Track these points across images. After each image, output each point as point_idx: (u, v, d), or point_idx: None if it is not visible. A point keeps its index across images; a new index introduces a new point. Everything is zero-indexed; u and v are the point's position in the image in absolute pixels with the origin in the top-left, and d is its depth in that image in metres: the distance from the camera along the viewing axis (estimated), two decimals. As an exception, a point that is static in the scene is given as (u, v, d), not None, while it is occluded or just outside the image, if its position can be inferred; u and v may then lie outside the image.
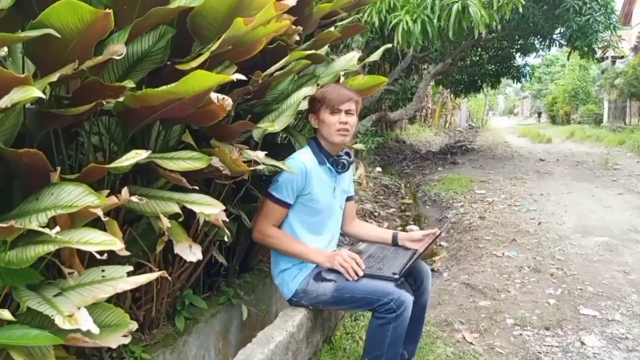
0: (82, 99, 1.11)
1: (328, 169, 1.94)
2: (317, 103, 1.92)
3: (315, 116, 1.94)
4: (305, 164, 1.84)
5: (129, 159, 1.06)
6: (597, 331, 2.61)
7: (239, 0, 1.39)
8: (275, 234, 1.88)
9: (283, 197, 1.84)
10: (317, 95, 1.92)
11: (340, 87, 1.97)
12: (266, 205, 1.87)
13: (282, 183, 1.83)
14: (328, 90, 1.93)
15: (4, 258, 0.99)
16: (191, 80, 1.14)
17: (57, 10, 0.95)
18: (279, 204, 1.85)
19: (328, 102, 1.88)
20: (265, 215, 1.87)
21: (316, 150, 1.93)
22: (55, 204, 1.03)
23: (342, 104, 1.89)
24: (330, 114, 1.88)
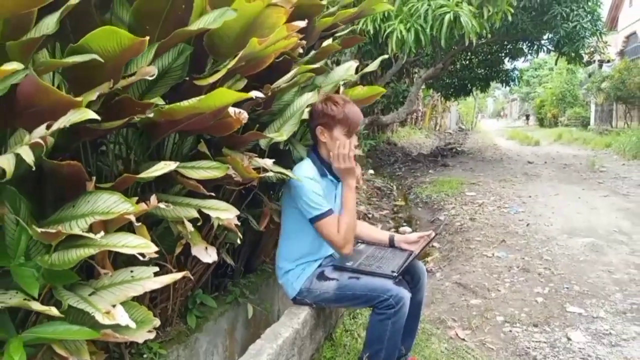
0: (114, 114, 1.21)
1: (330, 180, 2.04)
2: (333, 121, 1.94)
3: (328, 132, 1.96)
4: (316, 179, 1.93)
5: (159, 170, 1.17)
6: (583, 327, 2.75)
7: (252, 21, 1.50)
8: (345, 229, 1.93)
9: (325, 208, 1.91)
10: (337, 114, 1.93)
11: (357, 109, 1.99)
12: (323, 225, 1.92)
13: (311, 201, 1.90)
14: (349, 109, 1.94)
15: (47, 260, 1.09)
16: (213, 97, 1.25)
17: (97, 35, 1.05)
18: (327, 215, 1.91)
19: (346, 122, 1.92)
20: (332, 231, 1.92)
21: (317, 162, 2.00)
22: (92, 211, 1.13)
23: (359, 126, 1.98)
24: (345, 134, 1.95)
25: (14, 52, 1.05)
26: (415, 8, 4.39)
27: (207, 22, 1.38)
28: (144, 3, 1.37)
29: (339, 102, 1.96)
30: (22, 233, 1.09)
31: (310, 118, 2.01)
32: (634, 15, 18.06)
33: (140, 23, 1.42)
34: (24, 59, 1.06)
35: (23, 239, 1.09)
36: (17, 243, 1.08)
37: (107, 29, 1.02)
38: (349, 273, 1.97)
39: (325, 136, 1.97)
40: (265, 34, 1.57)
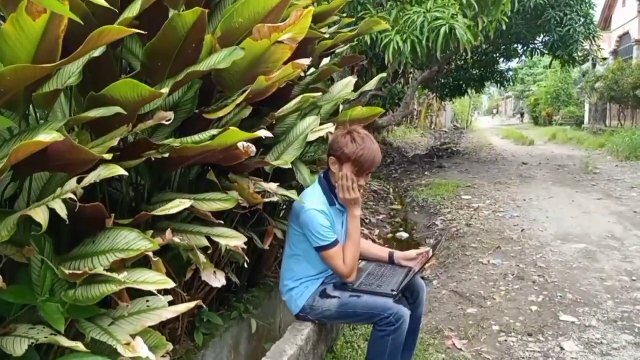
0: (131, 153, 1.28)
1: (337, 209, 2.10)
2: (345, 156, 1.98)
3: (338, 164, 2.01)
4: (324, 211, 2.00)
5: (174, 207, 1.24)
6: (575, 336, 2.84)
7: (259, 56, 1.57)
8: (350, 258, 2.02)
9: (331, 239, 1.99)
10: (350, 152, 1.95)
11: (375, 151, 2.02)
12: (329, 255, 2.00)
13: (318, 232, 1.97)
14: (363, 152, 1.96)
15: (72, 296, 1.16)
16: (225, 137, 1.32)
17: (119, 86, 1.12)
18: (332, 246, 1.99)
19: (362, 163, 1.97)
20: (337, 261, 2.01)
21: (326, 189, 2.07)
22: (112, 248, 1.20)
23: (372, 168, 2.04)
24: (354, 173, 2.00)
25: (39, 102, 1.11)
26: (412, 20, 4.47)
27: (216, 61, 1.45)
28: (157, 42, 1.44)
29: (356, 140, 1.98)
30: (47, 271, 1.15)
31: (329, 145, 2.07)
32: (627, 15, 18.21)
33: (152, 60, 1.48)
34: (48, 107, 1.13)
35: (48, 277, 1.15)
36: (42, 280, 1.15)
37: (129, 81, 1.09)
38: (350, 291, 2.04)
39: (335, 167, 2.03)
40: (270, 67, 1.64)
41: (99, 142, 1.18)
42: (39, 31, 1.08)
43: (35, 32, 1.08)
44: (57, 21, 1.08)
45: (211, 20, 1.82)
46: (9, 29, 1.06)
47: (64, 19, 1.08)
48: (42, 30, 1.08)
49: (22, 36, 1.08)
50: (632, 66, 15.03)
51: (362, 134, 2.03)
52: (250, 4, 1.50)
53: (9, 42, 1.08)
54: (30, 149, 0.86)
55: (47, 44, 1.11)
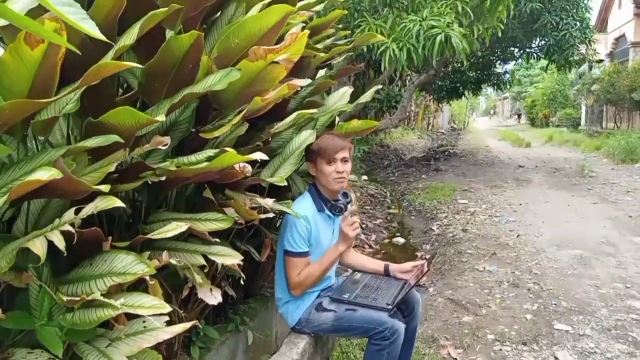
0: (129, 176, 1.30)
1: (327, 215, 2.13)
2: (313, 154, 2.08)
3: (313, 165, 2.10)
4: (307, 215, 2.03)
5: (171, 230, 1.25)
6: (570, 346, 2.87)
7: (255, 76, 1.58)
8: (305, 275, 2.05)
9: (300, 249, 2.02)
10: (313, 147, 2.07)
11: (333, 137, 2.11)
12: (290, 262, 2.04)
13: (292, 238, 2.01)
14: (322, 141, 2.08)
15: (70, 320, 1.17)
16: (222, 160, 1.33)
17: (116, 114, 1.13)
18: (299, 256, 2.03)
19: (323, 153, 2.05)
20: (293, 270, 2.04)
21: (315, 196, 2.12)
22: (110, 271, 1.22)
23: (337, 153, 2.06)
24: (327, 164, 2.05)
25: (37, 129, 1.13)
26: (408, 28, 4.49)
27: (212, 82, 1.46)
28: (155, 64, 1.45)
29: (320, 136, 2.09)
30: (45, 295, 1.17)
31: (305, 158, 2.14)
32: (623, 18, 18.29)
33: (150, 81, 1.50)
34: (46, 133, 1.14)
35: (46, 301, 1.17)
36: (41, 305, 1.16)
37: (127, 109, 1.11)
38: (346, 305, 2.06)
39: (314, 170, 2.11)
40: (267, 87, 1.66)
41: (97, 167, 1.20)
42: (37, 60, 1.09)
43: (34, 60, 1.09)
44: (54, 50, 1.09)
45: (207, 38, 1.84)
46: (7, 58, 1.08)
47: (62, 47, 1.09)
48: (40, 58, 1.09)
49: (20, 65, 1.09)
50: (628, 69, 15.09)
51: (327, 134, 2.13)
52: (247, 25, 1.51)
53: (8, 70, 1.09)
54: (29, 187, 0.88)
55: (45, 72, 1.12)
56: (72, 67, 1.21)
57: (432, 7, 4.51)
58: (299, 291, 2.09)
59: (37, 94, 1.15)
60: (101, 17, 1.26)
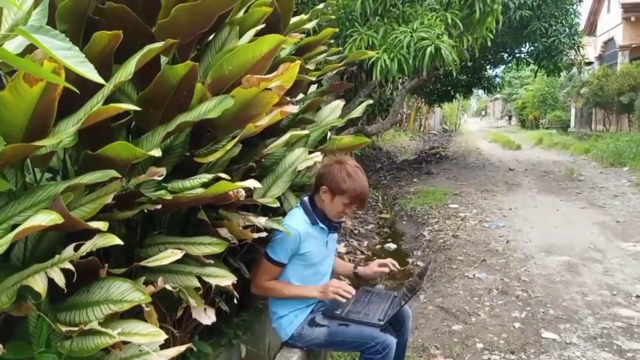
0: (125, 204, 1.33)
1: (320, 228, 2.17)
2: (340, 190, 2.05)
3: (331, 195, 2.08)
4: (299, 230, 2.06)
5: (167, 258, 1.29)
6: (556, 354, 2.93)
7: (248, 102, 1.62)
8: (271, 286, 2.12)
9: (279, 259, 2.07)
10: (347, 188, 2.03)
11: (366, 184, 2.11)
12: (263, 264, 2.09)
13: (277, 246, 2.06)
14: (358, 188, 2.06)
15: (68, 348, 1.20)
16: (216, 187, 1.37)
17: (114, 147, 1.17)
18: (275, 264, 2.08)
19: (350, 198, 2.06)
20: (262, 273, 2.10)
21: (309, 210, 2.14)
22: (106, 299, 1.25)
23: (359, 205, 2.14)
24: (345, 205, 2.09)
25: (35, 162, 1.16)
26: (399, 39, 4.55)
27: (207, 109, 1.50)
28: (150, 92, 1.49)
29: (352, 176, 2.06)
30: (43, 323, 1.20)
31: (320, 174, 2.14)
32: (612, 22, 18.51)
33: (145, 108, 1.53)
34: (44, 166, 1.17)
35: (45, 329, 1.20)
36: (39, 333, 1.19)
37: (124, 145, 1.14)
38: (338, 320, 2.10)
39: (327, 197, 2.10)
40: (259, 111, 1.69)
41: (94, 198, 1.23)
42: (36, 96, 1.12)
43: (32, 97, 1.12)
44: (53, 87, 1.12)
45: (201, 60, 1.87)
46: (7, 95, 1.11)
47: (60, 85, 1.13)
48: (39, 95, 1.12)
49: (19, 101, 1.12)
50: (616, 72, 15.29)
51: (355, 168, 2.11)
52: (240, 53, 1.55)
53: (8, 106, 1.12)
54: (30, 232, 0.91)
55: (43, 107, 1.15)
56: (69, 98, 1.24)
57: (423, 19, 4.58)
58: (257, 291, 2.18)
59: (35, 127, 1.18)
60: (98, 50, 1.30)
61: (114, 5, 1.46)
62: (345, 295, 2.06)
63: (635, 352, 2.94)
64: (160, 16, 1.57)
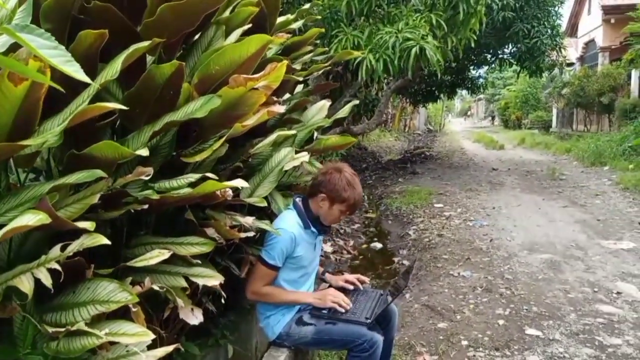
0: (111, 204, 1.32)
1: (311, 232, 2.18)
2: (340, 199, 2.09)
3: (329, 203, 2.11)
4: (294, 233, 2.07)
5: (154, 258, 1.29)
6: (540, 351, 2.98)
7: (235, 102, 1.62)
8: (267, 292, 2.12)
9: (274, 262, 2.07)
10: (348, 197, 2.08)
11: (362, 192, 2.16)
12: (259, 269, 2.10)
13: (273, 249, 2.06)
14: (356, 197, 2.11)
15: (54, 349, 1.19)
16: (204, 187, 1.37)
17: (100, 147, 1.16)
18: (270, 268, 2.08)
19: (349, 206, 2.11)
20: (258, 278, 2.11)
21: (302, 213, 2.15)
22: (93, 299, 1.24)
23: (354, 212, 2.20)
24: (340, 212, 2.13)
25: (19, 162, 1.15)
26: (384, 40, 4.58)
27: (193, 109, 1.50)
28: (136, 91, 1.48)
29: (352, 185, 2.10)
30: (29, 325, 1.19)
31: (319, 181, 2.15)
32: (593, 24, 18.83)
33: (131, 107, 1.52)
34: (28, 166, 1.16)
35: (30, 331, 1.18)
36: (24, 334, 1.18)
37: (110, 144, 1.13)
38: (325, 319, 2.11)
39: (325, 204, 2.13)
40: (246, 111, 1.69)
41: (80, 197, 1.22)
42: (21, 95, 1.11)
43: (17, 96, 1.11)
44: (38, 86, 1.11)
45: (187, 60, 1.87)
46: (-9, 94, 1.09)
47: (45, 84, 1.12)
48: (24, 94, 1.11)
49: (3, 100, 1.11)
50: (597, 73, 15.56)
51: (353, 176, 2.15)
52: (227, 53, 1.55)
53: (-9, 106, 1.11)
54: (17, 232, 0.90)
55: (28, 107, 1.14)
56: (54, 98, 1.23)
57: (408, 19, 4.62)
58: (252, 297, 2.18)
59: (20, 127, 1.17)
60: (83, 49, 1.29)
61: (99, 4, 1.45)
62: (345, 307, 2.09)
63: (616, 347, 3.00)
64: (146, 15, 1.56)
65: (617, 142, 11.24)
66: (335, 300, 2.10)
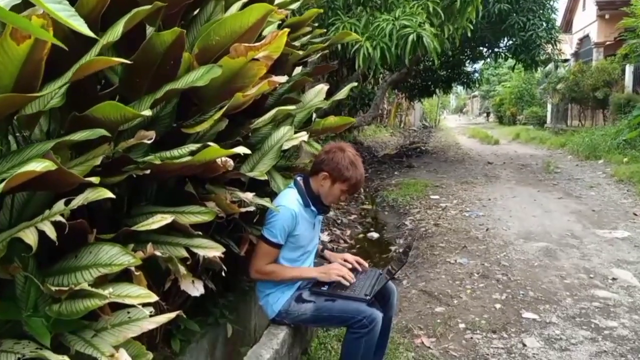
0: (112, 169, 1.32)
1: (311, 211, 2.18)
2: (342, 178, 2.09)
3: (331, 182, 2.11)
4: (295, 211, 2.08)
5: (156, 222, 1.28)
6: (537, 333, 3.00)
7: (236, 73, 1.62)
8: (271, 270, 2.12)
9: (276, 240, 2.07)
10: (350, 177, 2.08)
11: (362, 172, 2.16)
12: (261, 248, 2.09)
13: (274, 227, 2.06)
14: (359, 177, 2.12)
15: (56, 311, 1.19)
16: (205, 154, 1.37)
17: (103, 108, 1.16)
18: (273, 246, 2.08)
19: (350, 186, 2.11)
20: (261, 257, 2.10)
21: (302, 192, 2.15)
22: (95, 263, 1.24)
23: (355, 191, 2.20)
24: (342, 191, 2.13)
25: (21, 123, 1.14)
26: (381, 27, 4.58)
27: (194, 78, 1.50)
28: (136, 60, 1.47)
29: (354, 163, 2.11)
30: (31, 286, 1.18)
31: (321, 159, 2.16)
32: (587, 19, 18.89)
33: (131, 77, 1.52)
34: (30, 128, 1.16)
35: (32, 292, 1.18)
36: (27, 296, 1.18)
37: (113, 104, 1.13)
38: (325, 296, 2.12)
39: (327, 183, 2.13)
40: (247, 83, 1.70)
41: (82, 161, 1.22)
42: (23, 55, 1.11)
43: (19, 55, 1.11)
44: (41, 45, 1.11)
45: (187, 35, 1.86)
46: (-7, 53, 1.09)
47: (48, 43, 1.11)
48: (26, 54, 1.11)
49: (6, 59, 1.11)
50: (592, 68, 15.62)
51: (356, 156, 2.16)
52: (228, 23, 1.55)
53: (-7, 65, 1.11)
54: (24, 178, 0.90)
55: (31, 67, 1.14)
56: (55, 62, 1.22)
57: (405, 7, 4.62)
58: (256, 276, 2.17)
59: (22, 88, 1.17)
60: (85, 13, 1.28)
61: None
62: (350, 280, 2.10)
63: (612, 329, 3.03)
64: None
65: (612, 136, 11.30)
66: (340, 274, 2.11)
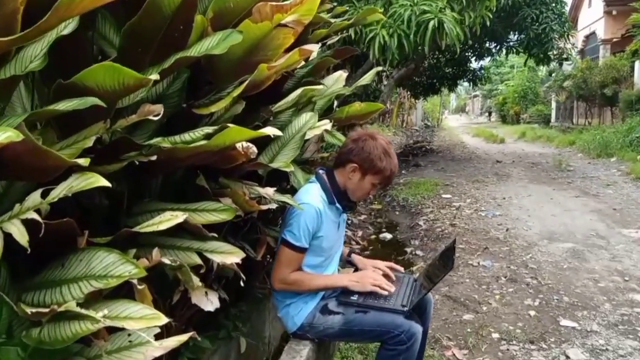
0: (109, 154, 1.04)
1: (336, 208, 1.91)
2: (374, 170, 1.82)
3: (361, 175, 1.84)
4: (319, 209, 1.79)
5: (165, 222, 1.01)
6: (579, 343, 2.72)
7: (258, 42, 1.35)
8: (296, 279, 1.83)
9: (301, 243, 1.78)
10: (384, 168, 1.82)
11: (397, 163, 1.90)
12: (284, 254, 1.80)
13: (297, 229, 1.77)
14: (393, 168, 1.86)
15: (36, 337, 0.91)
16: (224, 136, 1.09)
17: (94, 72, 0.88)
18: (297, 251, 1.79)
19: (383, 178, 1.85)
20: (285, 264, 1.81)
21: (326, 187, 1.87)
22: (87, 274, 0.97)
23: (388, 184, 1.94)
24: (372, 184, 1.86)
25: (-9, 91, 0.87)
26: (399, 14, 4.30)
27: (209, 46, 1.22)
28: (137, 24, 1.19)
29: (388, 152, 1.84)
30: (3, 306, 0.91)
31: (348, 148, 1.87)
32: (593, 16, 18.64)
33: (131, 46, 1.24)
34: (4, 98, 0.88)
35: (4, 313, 0.91)
36: (-3, 319, 0.91)
37: (108, 66, 0.86)
38: (355, 307, 1.84)
39: (355, 176, 1.85)
40: (269, 56, 1.42)
41: (70, 143, 0.94)
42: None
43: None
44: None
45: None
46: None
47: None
48: (-6, 0, 0.83)
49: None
50: (600, 65, 15.35)
51: (389, 145, 1.88)
52: (249, -20, 1.27)
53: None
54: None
55: (4, 19, 0.86)
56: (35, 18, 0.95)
57: (424, -9, 4.34)
58: (280, 287, 1.87)
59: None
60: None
61: None
62: (388, 289, 1.81)
63: (661, 338, 2.75)
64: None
65: (623, 133, 11.02)
66: (376, 284, 1.82)
